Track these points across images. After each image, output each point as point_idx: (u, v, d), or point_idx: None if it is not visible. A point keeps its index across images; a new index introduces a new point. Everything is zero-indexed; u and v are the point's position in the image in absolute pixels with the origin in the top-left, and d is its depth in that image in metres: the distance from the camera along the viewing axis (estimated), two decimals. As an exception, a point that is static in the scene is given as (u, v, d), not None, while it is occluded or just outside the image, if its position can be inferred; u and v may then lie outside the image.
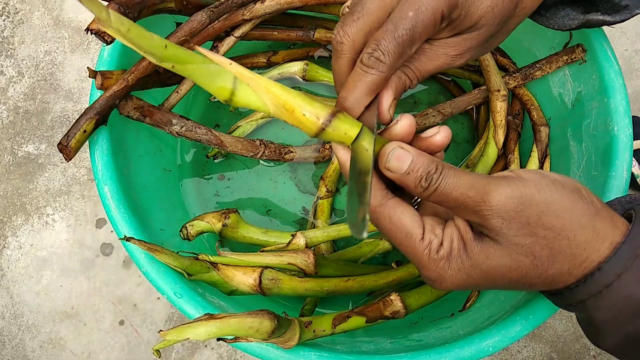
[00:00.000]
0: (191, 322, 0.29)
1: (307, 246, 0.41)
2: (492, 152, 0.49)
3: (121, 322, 0.66)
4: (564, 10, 0.37)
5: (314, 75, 0.55)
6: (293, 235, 0.42)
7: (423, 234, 0.28)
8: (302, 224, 0.54)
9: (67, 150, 0.37)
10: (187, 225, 0.44)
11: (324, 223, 0.51)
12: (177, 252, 0.38)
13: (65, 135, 0.38)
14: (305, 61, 0.54)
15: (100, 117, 0.39)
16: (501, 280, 0.27)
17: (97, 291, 0.67)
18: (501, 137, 0.49)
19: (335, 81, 0.30)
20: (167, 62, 0.22)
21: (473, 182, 0.26)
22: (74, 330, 0.66)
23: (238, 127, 0.53)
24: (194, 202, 0.55)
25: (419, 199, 0.32)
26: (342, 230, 0.43)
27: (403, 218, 0.28)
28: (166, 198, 0.52)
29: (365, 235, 0.23)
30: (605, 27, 0.44)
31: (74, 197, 0.70)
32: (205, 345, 0.65)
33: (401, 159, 0.27)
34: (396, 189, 0.29)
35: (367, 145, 0.26)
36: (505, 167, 0.51)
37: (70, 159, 0.39)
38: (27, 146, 0.72)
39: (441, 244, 0.28)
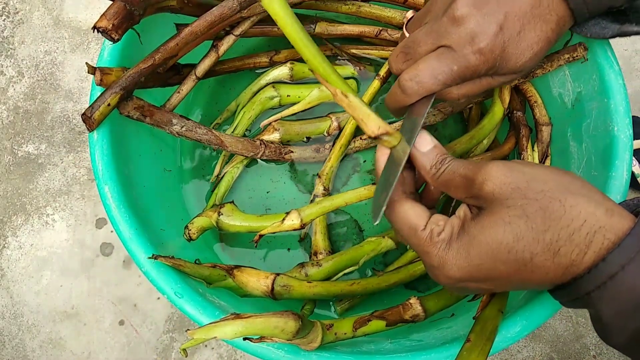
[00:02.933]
0: (218, 322, 0.30)
1: (302, 222, 0.41)
2: (498, 110, 0.49)
3: (121, 322, 0.66)
4: (594, 19, 0.36)
5: (301, 74, 0.55)
6: (287, 213, 0.41)
7: (425, 225, 0.31)
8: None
9: (90, 121, 0.39)
10: (188, 225, 0.45)
11: (321, 221, 0.51)
12: (195, 262, 0.40)
13: (90, 106, 0.39)
14: (289, 62, 0.54)
15: (125, 92, 0.40)
16: (500, 252, 0.28)
17: (97, 291, 0.67)
18: (507, 97, 0.49)
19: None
20: None
21: (472, 165, 0.30)
22: (74, 330, 0.66)
23: (226, 172, 0.54)
24: (194, 202, 0.55)
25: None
26: (337, 201, 0.41)
27: (410, 213, 0.32)
28: (166, 198, 0.52)
29: (377, 220, 0.31)
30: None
31: (74, 197, 0.70)
32: (205, 346, 0.65)
33: (427, 141, 0.33)
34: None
35: (402, 149, 0.33)
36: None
37: (93, 130, 0.40)
38: (27, 146, 0.72)
39: (442, 230, 0.30)
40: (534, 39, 0.33)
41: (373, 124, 0.32)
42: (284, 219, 0.41)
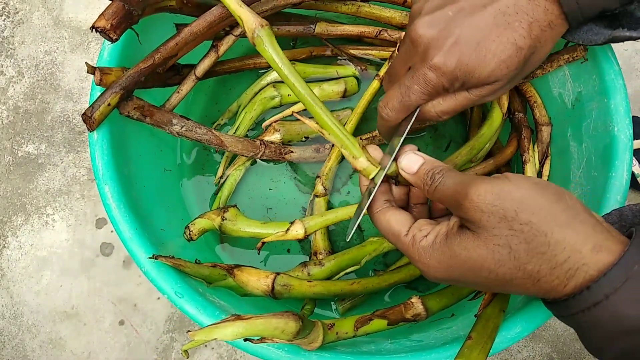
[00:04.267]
0: (218, 323, 0.30)
1: (305, 233, 0.41)
2: (497, 115, 0.49)
3: (121, 322, 0.66)
4: (587, 25, 0.36)
5: (301, 74, 0.55)
6: (291, 223, 0.42)
7: (408, 231, 0.32)
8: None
9: (90, 120, 0.39)
10: (189, 225, 0.45)
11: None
12: (195, 261, 0.40)
13: (90, 106, 0.39)
14: (291, 62, 0.54)
15: (125, 92, 0.40)
16: (481, 271, 0.29)
17: (97, 291, 0.67)
18: (505, 102, 0.49)
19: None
20: None
21: (462, 180, 0.30)
22: (74, 330, 0.66)
23: (228, 175, 0.54)
24: (194, 202, 0.55)
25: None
26: (340, 214, 0.42)
27: (392, 221, 0.33)
28: (166, 198, 0.52)
29: (348, 238, 0.35)
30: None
31: (74, 197, 0.70)
32: (205, 346, 0.65)
33: (413, 161, 0.33)
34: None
35: (377, 177, 0.35)
36: (523, 167, 0.51)
37: (93, 130, 0.41)
38: (27, 146, 0.72)
39: (426, 236, 0.31)
40: (498, 48, 0.32)
41: (352, 152, 0.35)
42: (288, 229, 0.41)
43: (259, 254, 0.45)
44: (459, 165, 0.48)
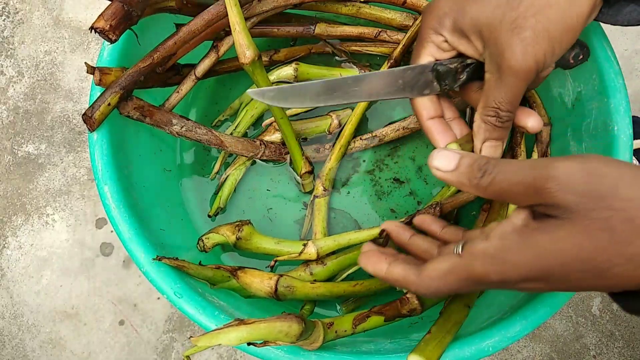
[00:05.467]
0: (222, 328, 0.30)
1: (318, 255, 0.44)
2: None
3: (121, 322, 0.66)
4: (630, 6, 0.34)
5: (305, 75, 0.55)
6: (305, 245, 0.45)
7: (461, 255, 0.29)
8: (302, 224, 0.54)
9: (91, 121, 0.39)
10: (204, 238, 0.46)
11: (322, 221, 0.51)
12: (199, 263, 0.40)
13: (90, 106, 0.39)
14: (294, 62, 0.54)
15: (125, 91, 0.40)
16: (574, 264, 0.25)
17: (97, 291, 0.67)
18: None
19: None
20: None
21: (533, 163, 0.26)
22: (74, 330, 0.66)
23: (228, 175, 0.54)
24: (194, 202, 0.55)
25: (459, 246, 0.34)
26: (353, 239, 0.45)
27: (438, 266, 0.29)
28: (166, 198, 0.52)
29: None
30: (605, 27, 0.44)
31: (74, 197, 0.70)
32: (205, 345, 0.65)
33: (448, 157, 0.29)
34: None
35: None
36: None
37: (94, 130, 0.40)
38: (27, 146, 0.72)
39: (486, 240, 0.28)
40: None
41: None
42: (301, 252, 0.44)
43: (272, 270, 0.46)
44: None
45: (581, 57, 0.39)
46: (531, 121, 0.35)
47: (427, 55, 0.37)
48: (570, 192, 0.25)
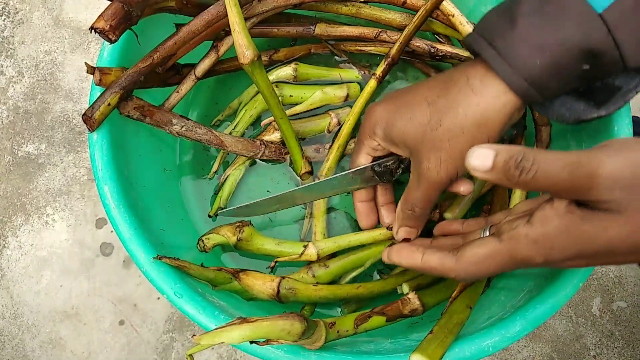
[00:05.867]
0: (224, 326, 0.30)
1: (318, 256, 0.45)
2: None
3: (121, 322, 0.66)
4: (560, 99, 0.35)
5: (305, 75, 0.55)
6: (305, 247, 0.45)
7: (500, 239, 0.30)
8: (302, 224, 0.54)
9: (91, 121, 0.39)
10: (204, 238, 0.46)
11: (321, 222, 0.51)
12: (201, 265, 0.40)
13: (90, 106, 0.39)
14: (294, 63, 0.54)
15: (125, 92, 0.40)
16: (622, 246, 0.26)
17: (97, 291, 0.67)
18: None
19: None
20: None
21: (576, 159, 0.26)
22: (74, 330, 0.66)
23: (228, 175, 0.54)
24: (194, 202, 0.55)
25: (487, 231, 0.37)
26: (353, 240, 0.46)
27: (475, 251, 0.32)
28: (166, 198, 0.52)
29: None
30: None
31: (74, 197, 0.70)
32: (205, 345, 0.65)
33: (483, 156, 0.28)
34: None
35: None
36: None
37: (94, 130, 0.41)
38: (27, 146, 0.72)
39: (528, 223, 0.29)
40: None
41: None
42: (302, 253, 0.44)
43: (272, 272, 0.46)
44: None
45: (515, 132, 0.45)
46: (463, 186, 0.38)
47: (365, 154, 0.43)
48: (619, 188, 0.25)
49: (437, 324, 0.36)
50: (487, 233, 0.36)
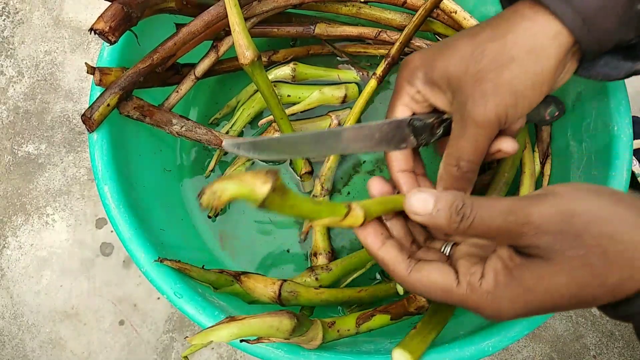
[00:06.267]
0: (213, 326, 0.30)
1: (365, 219, 0.34)
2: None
3: (121, 322, 0.66)
4: (603, 59, 0.34)
5: (303, 75, 0.55)
6: (349, 207, 0.33)
7: (458, 279, 0.28)
8: (302, 224, 0.54)
9: (90, 121, 0.39)
10: (215, 188, 0.27)
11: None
12: (203, 267, 0.40)
13: (89, 107, 0.39)
14: (292, 63, 0.54)
15: (124, 92, 0.40)
16: (561, 299, 0.26)
17: (97, 291, 0.67)
18: None
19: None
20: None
21: (510, 207, 0.27)
22: (74, 330, 0.66)
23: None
24: (194, 202, 0.55)
25: (447, 248, 0.33)
26: (398, 201, 0.35)
27: (432, 277, 0.29)
28: (166, 198, 0.52)
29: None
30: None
31: (74, 197, 0.70)
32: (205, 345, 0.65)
33: (423, 200, 0.28)
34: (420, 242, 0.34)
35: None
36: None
37: (93, 131, 0.40)
38: (27, 146, 0.72)
39: (482, 277, 0.28)
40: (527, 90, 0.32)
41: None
42: (346, 214, 0.32)
43: (304, 240, 0.43)
44: (509, 182, 0.47)
45: (557, 113, 0.40)
46: (505, 143, 0.34)
47: (402, 106, 0.36)
48: (547, 234, 0.26)
49: (421, 320, 0.35)
50: (448, 250, 0.33)
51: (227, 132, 0.54)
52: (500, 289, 0.27)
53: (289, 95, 0.54)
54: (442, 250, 0.33)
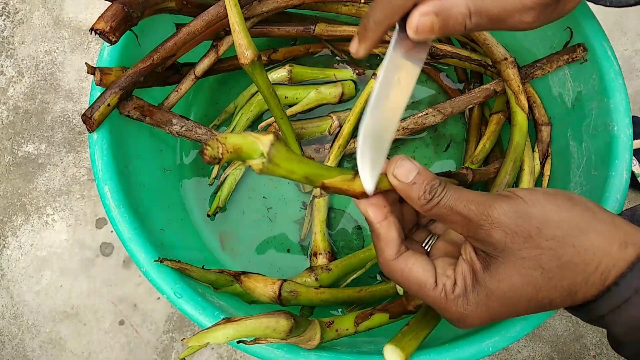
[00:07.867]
0: (210, 328, 0.30)
1: (376, 189, 0.31)
2: (522, 119, 0.48)
3: (121, 322, 0.66)
4: None
5: (299, 76, 0.55)
6: (355, 174, 0.30)
7: (436, 280, 0.29)
8: (302, 224, 0.54)
9: (90, 121, 0.39)
10: (219, 141, 0.24)
11: (321, 222, 0.51)
12: (202, 267, 0.40)
13: (90, 107, 0.39)
14: (288, 65, 0.54)
15: (124, 92, 0.40)
16: (520, 302, 0.27)
17: (97, 291, 0.67)
18: (524, 102, 0.48)
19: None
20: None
21: (475, 197, 0.28)
22: (74, 330, 0.66)
23: (228, 175, 0.54)
24: (194, 202, 0.55)
25: (430, 242, 0.33)
26: None
27: (414, 270, 0.29)
28: (166, 198, 0.52)
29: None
30: (605, 27, 0.44)
31: (74, 197, 0.70)
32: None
33: (408, 169, 0.29)
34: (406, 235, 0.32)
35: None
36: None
37: (93, 131, 0.40)
38: (27, 146, 0.72)
39: (455, 283, 0.28)
40: None
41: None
42: (355, 175, 0.29)
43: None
44: (510, 183, 0.47)
45: None
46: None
47: None
48: (502, 232, 0.26)
49: (414, 317, 0.35)
50: (430, 245, 0.33)
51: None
52: (468, 293, 0.28)
53: (286, 97, 0.55)
54: (423, 244, 0.33)
